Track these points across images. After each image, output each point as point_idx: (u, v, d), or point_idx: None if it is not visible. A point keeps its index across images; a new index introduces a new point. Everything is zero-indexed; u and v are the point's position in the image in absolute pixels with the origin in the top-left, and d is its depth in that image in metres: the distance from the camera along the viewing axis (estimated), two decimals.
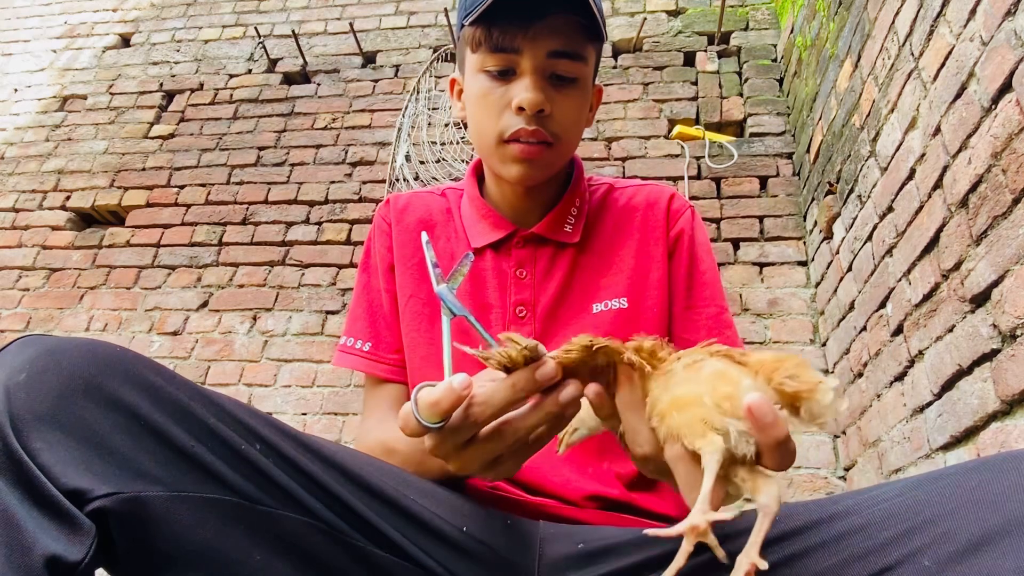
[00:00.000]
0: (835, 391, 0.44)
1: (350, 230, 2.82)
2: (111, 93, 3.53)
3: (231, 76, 3.44)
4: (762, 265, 2.42)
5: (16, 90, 3.67)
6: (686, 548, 0.42)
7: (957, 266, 1.36)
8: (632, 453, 0.52)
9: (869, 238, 1.85)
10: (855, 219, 1.96)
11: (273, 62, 3.42)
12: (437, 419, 0.49)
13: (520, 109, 0.74)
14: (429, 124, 2.98)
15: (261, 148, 3.12)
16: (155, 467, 0.47)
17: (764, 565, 0.41)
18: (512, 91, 0.75)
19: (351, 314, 0.88)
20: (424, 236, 0.59)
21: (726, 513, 0.43)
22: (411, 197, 0.91)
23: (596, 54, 0.81)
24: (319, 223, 2.86)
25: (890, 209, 1.71)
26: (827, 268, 2.19)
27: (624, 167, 2.73)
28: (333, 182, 2.95)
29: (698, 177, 2.64)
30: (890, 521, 0.46)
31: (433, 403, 0.49)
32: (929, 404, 1.47)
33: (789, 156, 2.63)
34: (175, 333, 2.71)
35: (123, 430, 0.47)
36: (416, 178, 2.82)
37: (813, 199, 2.36)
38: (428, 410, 0.49)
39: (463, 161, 2.83)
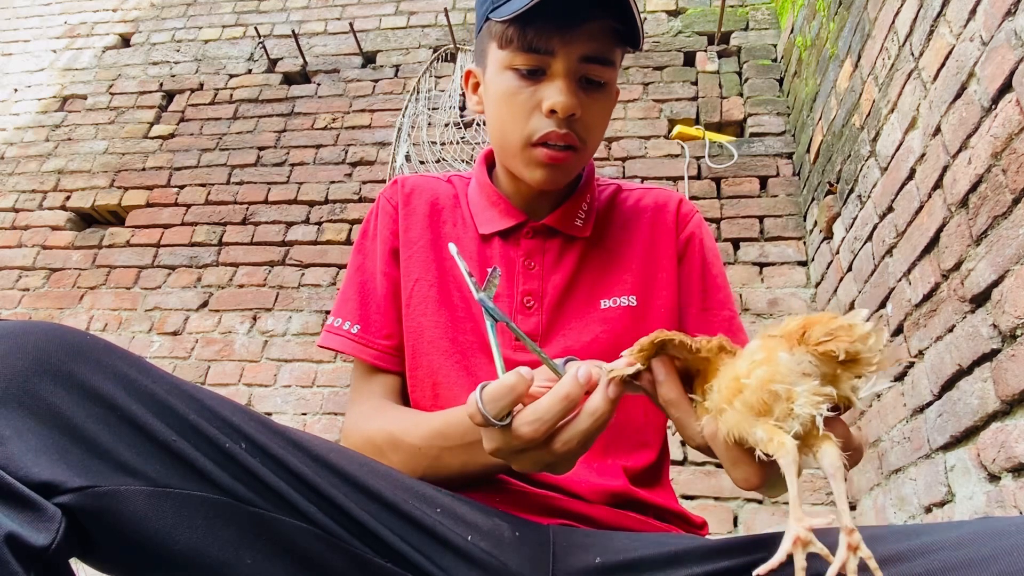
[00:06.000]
0: (874, 329, 0.43)
1: (350, 230, 2.82)
2: (111, 93, 3.53)
3: (231, 76, 3.44)
4: (762, 265, 2.42)
5: (16, 90, 3.67)
6: (800, 563, 0.41)
7: (957, 266, 1.36)
8: (685, 440, 0.53)
9: (869, 238, 1.85)
10: (855, 219, 1.96)
11: (273, 62, 3.42)
12: (503, 414, 0.49)
13: (552, 112, 0.72)
14: (429, 124, 2.98)
15: (261, 148, 3.12)
16: (136, 460, 0.45)
17: (855, 532, 0.41)
18: (542, 92, 0.73)
19: (341, 295, 0.85)
20: (453, 247, 0.57)
21: (821, 518, 0.42)
22: (418, 180, 0.89)
23: (622, 56, 0.80)
24: (319, 223, 2.86)
25: (890, 209, 1.71)
26: (827, 268, 2.19)
27: (624, 167, 2.73)
28: (333, 182, 2.95)
29: (698, 177, 2.64)
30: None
31: (497, 399, 0.49)
32: (929, 404, 1.47)
33: (789, 156, 2.63)
34: (175, 333, 2.71)
35: (99, 420, 0.44)
36: None
37: (813, 199, 2.36)
38: (493, 405, 0.49)
39: (463, 161, 2.83)
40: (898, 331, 1.63)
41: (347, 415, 0.80)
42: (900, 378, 1.62)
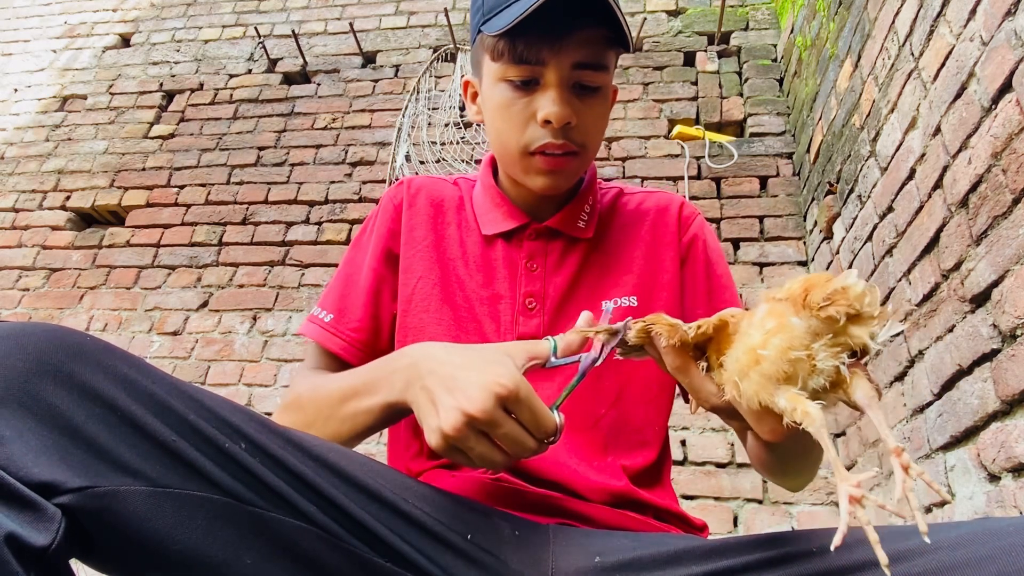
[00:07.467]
0: (867, 287, 0.46)
1: (350, 230, 2.82)
2: (111, 93, 3.53)
3: (231, 76, 3.44)
4: (762, 265, 2.42)
5: (16, 90, 3.67)
6: (863, 518, 0.43)
7: (957, 266, 1.36)
8: (699, 403, 0.56)
9: (869, 238, 1.85)
10: (855, 219, 1.96)
11: (273, 62, 3.42)
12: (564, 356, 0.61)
13: (547, 123, 0.73)
14: (429, 124, 2.98)
15: (261, 148, 3.12)
16: (136, 460, 0.45)
17: (904, 451, 0.43)
18: (536, 103, 0.74)
19: (327, 286, 0.86)
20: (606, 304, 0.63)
21: (868, 472, 0.44)
22: (424, 181, 0.90)
23: (616, 59, 0.81)
24: (319, 223, 2.86)
25: (890, 209, 1.71)
26: (827, 268, 2.19)
27: (624, 167, 2.73)
28: (333, 182, 2.95)
29: (698, 177, 2.64)
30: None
31: (569, 343, 0.61)
32: (929, 404, 1.47)
33: (789, 156, 2.63)
34: (175, 333, 2.71)
35: (99, 420, 0.45)
36: None
37: (813, 199, 2.36)
38: (564, 347, 0.61)
39: (463, 161, 2.83)
40: (898, 331, 1.63)
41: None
42: (900, 378, 1.62)
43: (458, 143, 2.90)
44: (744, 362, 0.49)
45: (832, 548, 0.42)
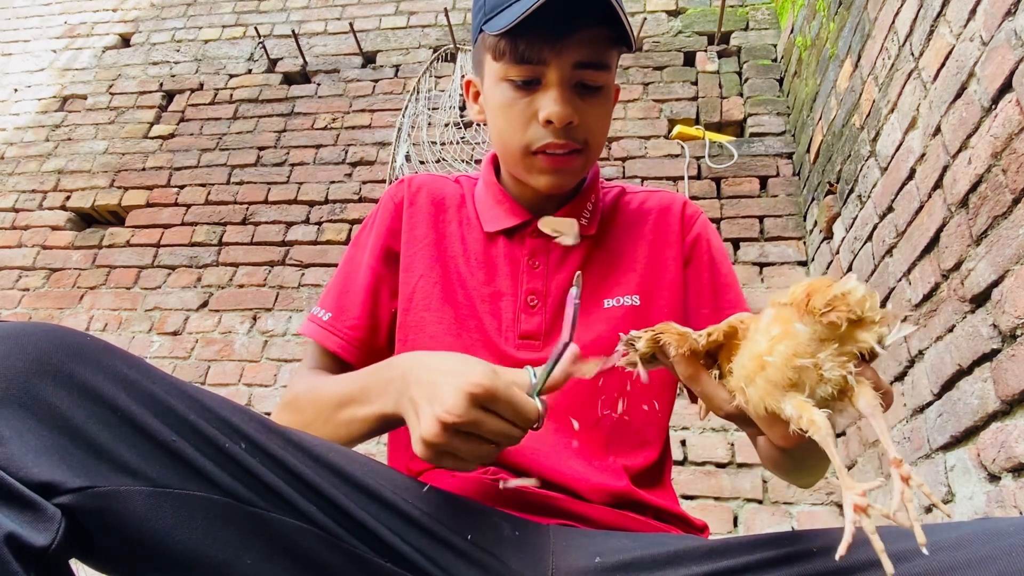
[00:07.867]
0: (867, 292, 0.46)
1: (350, 230, 2.82)
2: (111, 93, 3.53)
3: (231, 76, 3.44)
4: (762, 265, 2.42)
5: (16, 90, 3.67)
6: (869, 527, 0.44)
7: (957, 266, 1.36)
8: (712, 410, 0.56)
9: (869, 238, 1.85)
10: (855, 219, 1.96)
11: (273, 62, 3.42)
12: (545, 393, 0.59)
13: (548, 122, 0.73)
14: (429, 124, 2.98)
15: (261, 148, 3.12)
16: (136, 460, 0.45)
17: (903, 462, 0.44)
18: (538, 103, 0.74)
19: (327, 285, 0.86)
20: (574, 291, 0.60)
21: (873, 482, 0.45)
22: (426, 179, 0.90)
23: (618, 57, 0.81)
24: (319, 223, 2.86)
25: (890, 209, 1.71)
26: (827, 268, 2.19)
27: (624, 167, 2.73)
28: (333, 182, 2.95)
29: (698, 177, 2.64)
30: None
31: (554, 383, 0.58)
32: (929, 404, 1.47)
33: (789, 156, 2.63)
34: (175, 333, 2.71)
35: (99, 420, 0.45)
36: None
37: (813, 199, 2.36)
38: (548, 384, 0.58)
39: (463, 161, 2.83)
40: (908, 332, 1.63)
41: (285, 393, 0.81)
42: (900, 378, 1.62)
43: (458, 143, 2.90)
44: (750, 368, 0.49)
45: (837, 557, 0.42)
